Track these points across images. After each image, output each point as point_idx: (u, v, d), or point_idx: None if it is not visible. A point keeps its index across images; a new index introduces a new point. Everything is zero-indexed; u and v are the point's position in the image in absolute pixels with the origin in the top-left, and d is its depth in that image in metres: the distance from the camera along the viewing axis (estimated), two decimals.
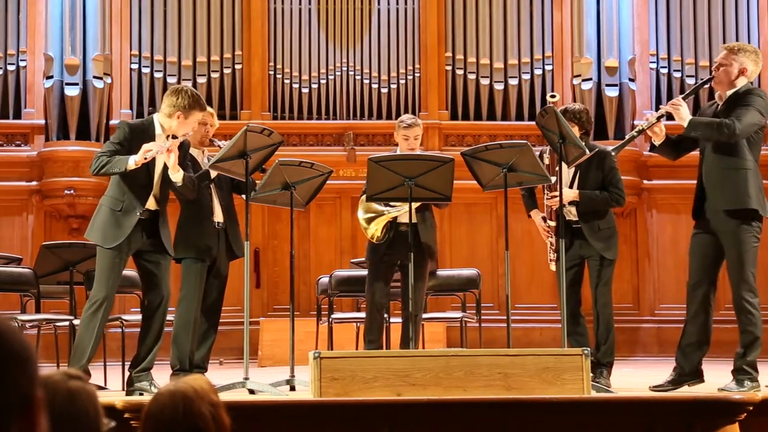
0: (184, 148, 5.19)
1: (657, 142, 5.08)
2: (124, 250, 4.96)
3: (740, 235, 4.81)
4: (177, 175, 4.97)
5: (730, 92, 4.94)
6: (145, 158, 4.83)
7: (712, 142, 4.89)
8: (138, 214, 4.94)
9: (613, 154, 5.03)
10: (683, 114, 4.90)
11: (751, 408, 3.95)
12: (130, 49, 9.22)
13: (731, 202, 4.82)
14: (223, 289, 5.59)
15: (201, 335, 5.50)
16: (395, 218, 5.71)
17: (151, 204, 5.01)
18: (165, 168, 5.03)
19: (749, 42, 9.40)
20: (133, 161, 4.83)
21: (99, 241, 4.97)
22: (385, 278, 5.77)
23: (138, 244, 5.01)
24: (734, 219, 4.83)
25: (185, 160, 5.19)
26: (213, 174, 5.42)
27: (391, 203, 5.60)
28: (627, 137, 5.01)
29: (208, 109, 5.66)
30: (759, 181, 4.89)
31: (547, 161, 5.47)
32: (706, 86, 5.11)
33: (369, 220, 5.71)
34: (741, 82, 4.95)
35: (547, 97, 5.43)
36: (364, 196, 5.70)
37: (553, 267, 5.59)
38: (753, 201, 4.82)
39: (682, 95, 5.06)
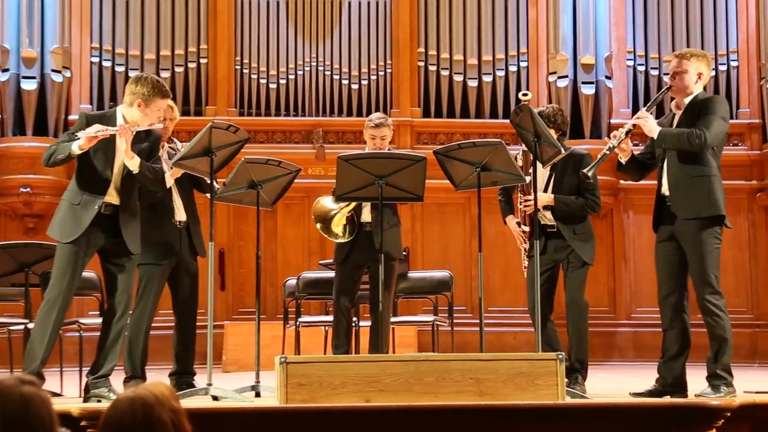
0: (153, 138, 5.12)
1: (624, 160, 5.14)
2: (82, 246, 4.87)
3: (702, 237, 4.87)
4: (132, 162, 4.88)
5: (687, 99, 5.00)
6: (96, 136, 4.72)
7: (675, 151, 4.94)
8: (97, 207, 4.87)
9: (589, 174, 5.05)
10: (651, 126, 4.96)
11: (728, 414, 3.98)
12: (91, 42, 9.15)
13: (700, 210, 4.87)
14: (196, 289, 5.55)
15: (183, 339, 5.47)
16: (359, 218, 5.72)
17: (112, 198, 4.93)
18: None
19: (728, 39, 9.51)
20: (77, 145, 4.73)
21: (57, 235, 4.91)
22: (352, 280, 5.77)
23: (99, 241, 4.93)
24: (697, 222, 4.88)
25: (153, 152, 5.11)
26: (169, 183, 5.32)
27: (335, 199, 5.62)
28: (600, 156, 5.03)
29: (169, 102, 5.61)
30: (722, 188, 4.98)
31: (520, 162, 5.49)
32: (666, 94, 5.16)
33: (325, 227, 5.72)
34: (698, 88, 5.01)
35: (519, 96, 5.45)
36: (317, 201, 5.74)
37: (527, 274, 5.59)
38: (721, 208, 4.89)
39: (645, 107, 5.11)
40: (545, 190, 5.53)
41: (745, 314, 8.76)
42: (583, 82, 9.20)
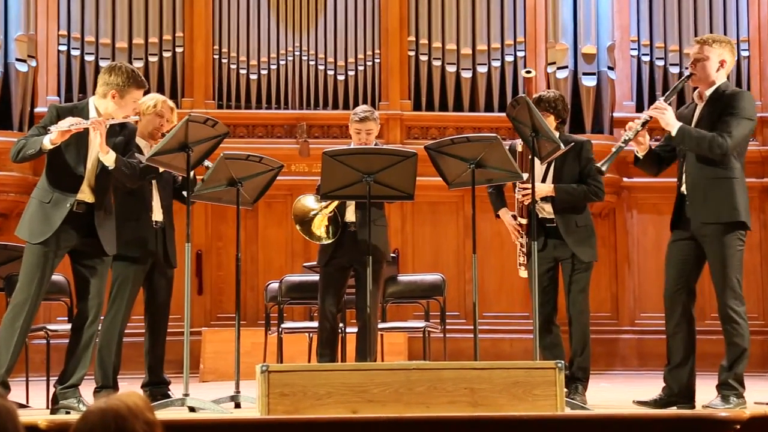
0: (128, 131, 5.12)
1: (641, 154, 5.10)
2: (52, 247, 4.86)
3: (724, 239, 4.87)
4: (107, 157, 4.87)
5: (710, 90, 4.99)
6: (69, 130, 4.71)
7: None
8: (69, 205, 4.86)
9: (603, 168, 5.03)
10: (669, 119, 4.92)
11: (737, 427, 3.99)
12: (58, 29, 9.12)
13: (718, 216, 4.87)
14: (170, 294, 5.55)
15: (155, 346, 5.48)
16: (343, 217, 5.73)
17: (86, 195, 4.93)
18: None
19: (738, 27, 9.53)
20: (48, 140, 4.72)
21: (26, 236, 4.90)
22: (337, 283, 5.78)
23: (71, 242, 4.92)
24: (717, 226, 4.89)
25: (129, 146, 5.11)
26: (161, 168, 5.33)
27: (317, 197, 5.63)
28: (614, 150, 5.00)
29: (170, 103, 5.63)
30: (745, 192, 4.97)
31: (520, 148, 5.48)
32: (686, 83, 5.15)
33: (305, 229, 5.73)
34: (721, 77, 4.99)
35: (522, 73, 5.45)
36: (297, 200, 5.75)
37: (522, 273, 5.60)
38: (741, 214, 4.89)
39: (663, 97, 5.07)
40: (543, 181, 5.54)
41: (756, 320, 8.76)
42: (584, 74, 9.22)
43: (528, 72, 5.52)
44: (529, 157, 5.17)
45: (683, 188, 5.01)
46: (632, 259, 9.27)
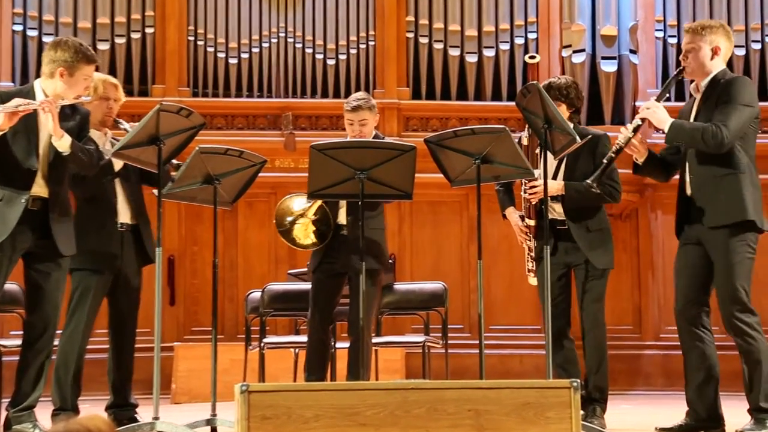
0: (81, 115, 5.11)
1: (640, 160, 5.18)
2: (7, 251, 4.86)
3: (731, 245, 4.90)
4: (61, 142, 4.87)
5: (706, 80, 5.06)
6: (16, 112, 4.70)
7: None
8: (24, 202, 4.86)
9: (594, 185, 5.07)
10: (661, 116, 5.02)
11: None
12: (13, 7, 9.12)
13: (724, 216, 4.90)
14: (137, 305, 5.56)
15: (121, 363, 5.48)
16: (335, 218, 5.74)
17: (40, 189, 4.92)
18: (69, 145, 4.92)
19: None
20: None
21: None
22: (328, 293, 5.79)
23: (26, 243, 4.91)
24: (724, 229, 4.91)
25: (83, 132, 5.11)
26: (117, 165, 5.36)
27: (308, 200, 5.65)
28: (605, 161, 5.08)
29: (112, 79, 5.60)
30: (756, 186, 4.99)
31: (526, 141, 5.50)
32: (680, 79, 5.22)
33: (286, 234, 5.74)
34: (717, 65, 5.06)
35: (525, 59, 5.47)
36: (282, 201, 5.76)
37: (532, 280, 5.62)
38: (750, 212, 4.90)
39: (655, 97, 5.16)
40: (554, 177, 5.55)
41: None
42: (603, 58, 9.23)
43: (532, 57, 5.54)
44: (537, 151, 5.18)
45: (687, 189, 5.05)
46: (657, 265, 9.28)
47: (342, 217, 5.78)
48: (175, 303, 9.01)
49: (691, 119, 5.06)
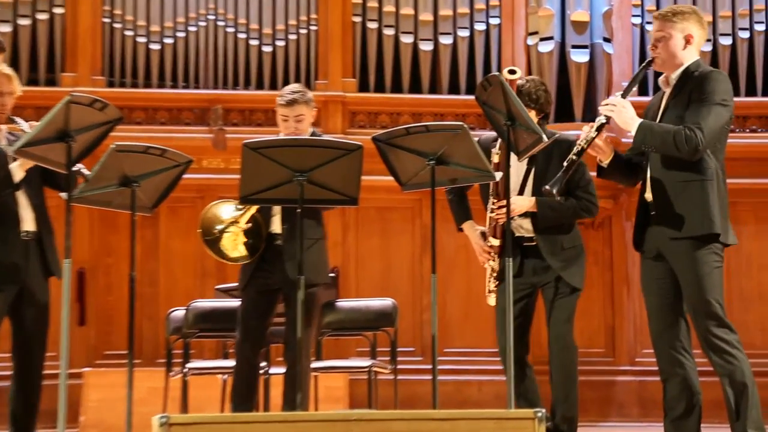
0: None
1: (604, 162, 5.18)
2: None
3: (697, 255, 4.93)
4: None
5: (677, 73, 5.09)
6: None
7: None
8: None
9: (554, 191, 5.05)
10: (626, 117, 5.01)
11: None
12: None
13: (688, 227, 4.92)
14: (45, 324, 5.51)
15: (24, 392, 5.43)
16: (267, 227, 5.73)
17: None
18: None
19: None
20: None
21: None
22: (260, 312, 5.79)
23: None
24: (687, 241, 4.94)
25: None
26: (18, 176, 5.28)
27: (238, 207, 5.64)
28: (565, 165, 5.05)
29: (4, 69, 5.56)
30: (723, 194, 5.01)
31: (496, 159, 5.52)
32: (649, 70, 5.24)
33: (212, 245, 5.72)
34: (690, 55, 5.10)
35: (504, 73, 5.47)
36: (208, 207, 5.77)
37: (491, 301, 5.63)
38: (716, 225, 4.93)
39: (621, 92, 5.15)
40: (522, 190, 5.58)
41: None
42: (574, 46, 9.28)
43: (512, 72, 5.54)
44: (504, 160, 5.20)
45: (647, 195, 5.08)
46: (632, 280, 9.32)
47: (276, 226, 5.76)
48: (85, 323, 8.93)
49: (659, 117, 5.08)
